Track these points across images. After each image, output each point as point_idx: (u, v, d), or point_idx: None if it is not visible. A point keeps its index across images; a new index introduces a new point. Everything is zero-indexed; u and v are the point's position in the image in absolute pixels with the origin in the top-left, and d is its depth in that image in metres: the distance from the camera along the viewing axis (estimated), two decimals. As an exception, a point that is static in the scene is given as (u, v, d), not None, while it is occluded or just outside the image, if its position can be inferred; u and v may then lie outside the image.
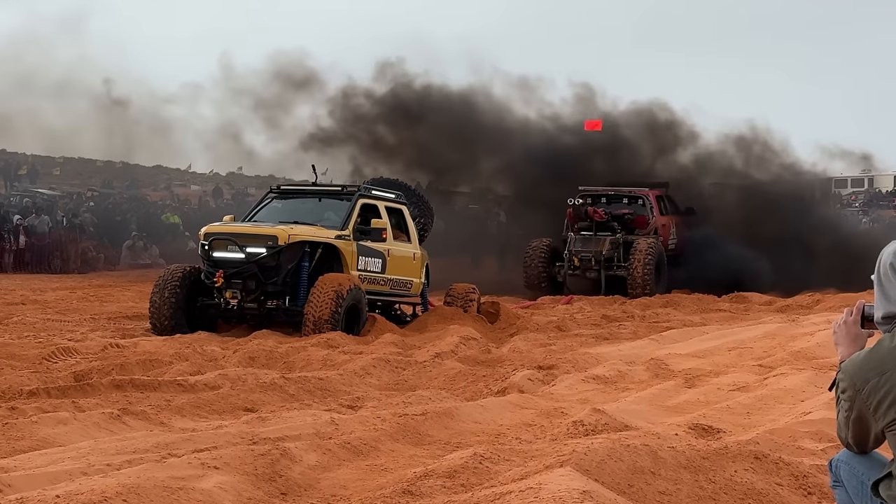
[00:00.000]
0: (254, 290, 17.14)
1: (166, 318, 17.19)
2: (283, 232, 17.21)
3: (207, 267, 17.35)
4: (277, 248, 17.08)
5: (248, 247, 17.09)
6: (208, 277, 17.27)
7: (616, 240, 29.16)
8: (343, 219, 18.07)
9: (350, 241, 17.89)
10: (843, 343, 4.46)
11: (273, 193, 19.43)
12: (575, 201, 29.20)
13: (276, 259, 17.13)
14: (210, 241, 17.26)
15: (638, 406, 10.16)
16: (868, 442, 4.31)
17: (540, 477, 5.97)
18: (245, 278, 17.10)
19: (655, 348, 15.76)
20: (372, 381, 12.15)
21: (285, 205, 19.01)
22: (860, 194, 73.88)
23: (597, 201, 30.56)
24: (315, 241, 17.58)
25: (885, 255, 4.30)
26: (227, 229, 17.58)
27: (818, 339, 14.89)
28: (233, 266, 17.08)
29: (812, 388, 10.89)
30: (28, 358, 12.98)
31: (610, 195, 31.24)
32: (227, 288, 17.08)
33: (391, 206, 19.25)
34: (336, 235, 17.74)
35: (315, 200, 18.94)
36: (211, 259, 17.26)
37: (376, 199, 18.95)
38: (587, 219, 29.62)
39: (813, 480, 6.68)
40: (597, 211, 29.56)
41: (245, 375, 11.76)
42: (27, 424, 8.34)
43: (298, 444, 7.54)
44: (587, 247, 29.40)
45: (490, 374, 12.61)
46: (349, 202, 18.41)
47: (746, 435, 8.19)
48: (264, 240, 17.17)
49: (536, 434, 8.76)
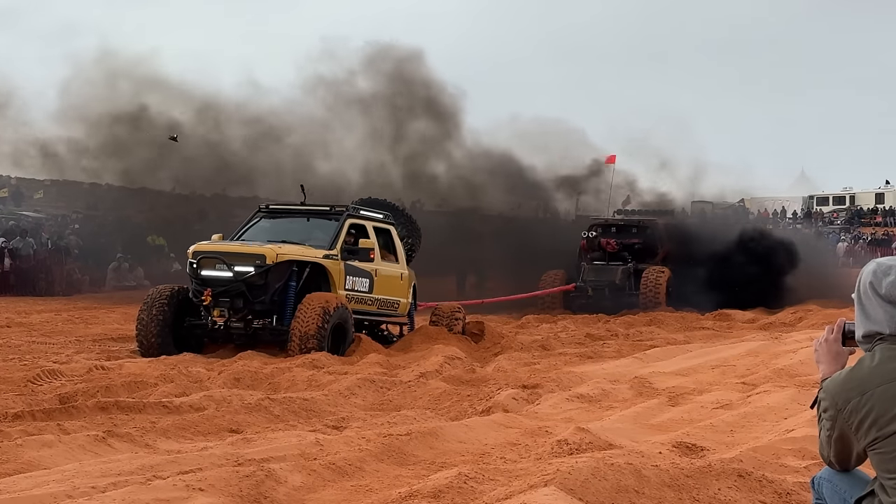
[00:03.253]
0: (241, 308, 17.15)
1: (153, 335, 17.16)
2: (272, 251, 17.23)
3: (195, 285, 17.34)
4: (265, 266, 17.11)
5: (236, 265, 17.10)
6: (196, 296, 17.26)
7: (627, 269, 30.19)
8: (331, 238, 18.11)
9: (338, 260, 17.94)
10: (825, 361, 4.48)
11: (262, 212, 19.44)
12: (589, 234, 30.60)
13: (263, 278, 17.14)
14: (198, 260, 17.26)
15: (622, 424, 10.18)
16: (850, 460, 4.33)
17: (524, 496, 5.98)
18: (233, 297, 17.11)
19: (639, 367, 15.78)
20: (357, 401, 12.14)
21: (274, 224, 19.04)
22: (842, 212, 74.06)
23: (607, 231, 31.65)
24: (303, 261, 17.60)
25: (864, 273, 4.33)
26: (215, 248, 17.55)
27: (801, 357, 14.95)
28: (221, 284, 17.09)
29: (795, 405, 10.93)
30: (13, 380, 12.94)
31: (620, 225, 32.31)
32: (214, 306, 17.08)
33: (379, 227, 19.29)
34: (324, 255, 17.78)
35: (303, 220, 18.96)
36: (199, 277, 17.25)
37: (364, 220, 19.01)
38: (600, 249, 30.82)
39: (796, 498, 6.71)
40: (609, 242, 30.98)
41: (230, 396, 11.74)
42: (12, 447, 8.31)
43: (283, 465, 7.54)
44: (600, 276, 30.56)
45: (475, 393, 12.61)
46: (337, 222, 18.46)
47: (730, 453, 8.21)
48: (252, 258, 17.18)
49: (521, 453, 8.77)
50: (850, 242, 60.64)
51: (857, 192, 78.00)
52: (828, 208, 76.18)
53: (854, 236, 62.96)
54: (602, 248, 31.21)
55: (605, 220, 34.02)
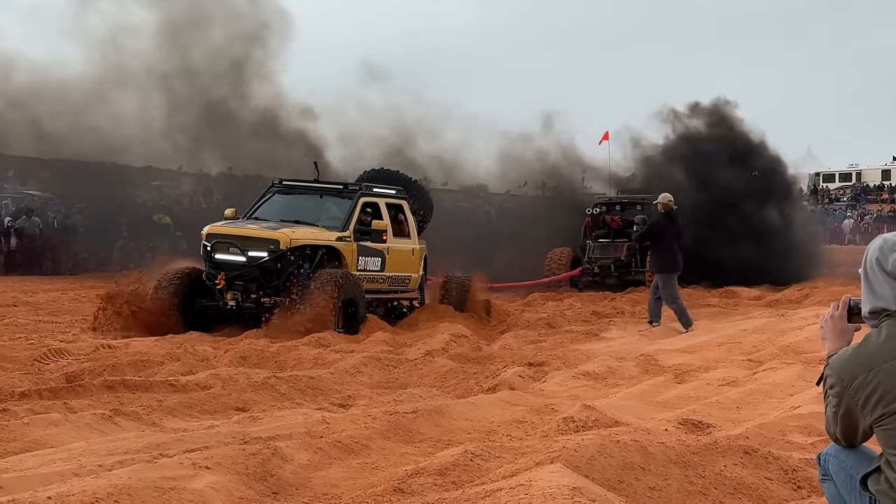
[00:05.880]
0: (255, 292, 17.18)
1: (165, 314, 17.20)
2: (285, 236, 17.25)
3: (209, 268, 17.38)
4: (279, 251, 17.14)
5: (249, 250, 17.14)
6: (210, 279, 17.30)
7: (633, 245, 30.04)
8: (344, 219, 18.13)
9: (350, 241, 17.96)
10: (830, 338, 4.47)
11: (275, 188, 19.43)
12: (593, 211, 30.62)
13: (277, 262, 17.20)
14: (212, 244, 17.29)
15: (628, 402, 10.19)
16: (856, 436, 4.32)
17: (530, 473, 5.98)
18: (246, 281, 17.17)
19: (645, 344, 15.80)
20: (363, 379, 12.15)
21: (286, 200, 19.04)
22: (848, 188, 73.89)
23: (611, 209, 31.68)
24: (316, 245, 17.64)
25: (871, 249, 4.31)
26: (229, 230, 17.57)
27: (807, 334, 14.95)
28: (234, 269, 17.13)
29: (801, 382, 10.93)
30: (19, 359, 12.95)
31: (624, 202, 32.33)
32: (228, 290, 17.12)
33: (391, 202, 19.30)
34: (337, 237, 17.81)
35: (316, 197, 18.97)
36: (213, 261, 17.29)
37: (377, 197, 19.00)
38: (605, 226, 30.86)
39: (802, 474, 6.71)
40: (613, 219, 30.91)
41: (236, 375, 11.75)
42: (19, 426, 8.33)
43: (289, 443, 7.55)
44: (606, 253, 30.62)
45: (481, 371, 12.63)
46: (350, 200, 18.47)
47: (736, 430, 8.22)
48: (266, 243, 17.21)
49: (527, 431, 8.78)
50: (857, 219, 60.59)
51: (863, 168, 77.79)
52: (834, 185, 76.04)
53: (860, 213, 62.87)
54: (607, 225, 31.22)
55: (609, 198, 33.99)
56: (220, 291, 17.18)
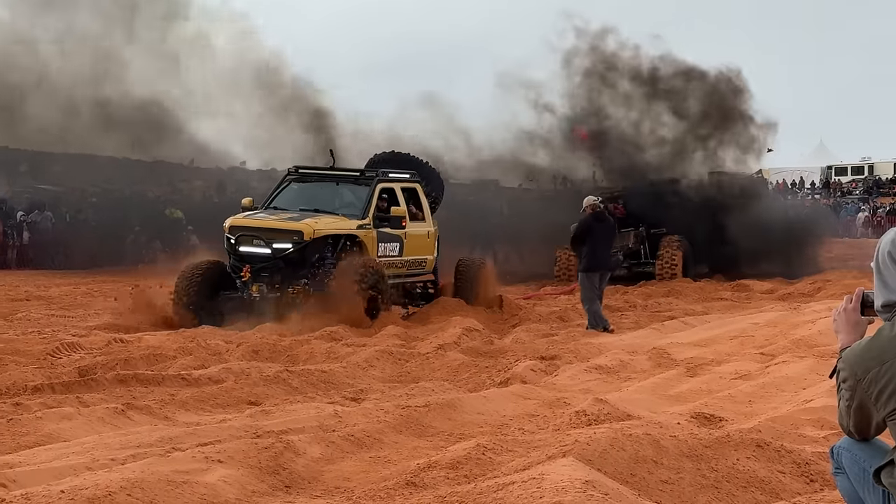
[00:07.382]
0: (280, 283, 17.32)
1: (189, 299, 17.42)
2: (308, 227, 17.45)
3: (233, 261, 17.61)
4: (303, 243, 17.34)
5: (274, 242, 17.40)
6: (235, 271, 17.50)
7: (639, 233, 30.02)
8: (363, 206, 18.29)
9: (370, 229, 18.12)
10: (843, 330, 4.46)
11: (291, 176, 19.57)
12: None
13: (301, 253, 17.39)
14: (236, 236, 17.46)
15: (640, 395, 10.18)
16: (870, 430, 4.31)
17: (543, 467, 5.99)
18: (272, 272, 17.35)
19: (657, 338, 15.78)
20: (375, 373, 12.17)
21: (303, 188, 19.22)
22: (860, 182, 73.66)
23: (614, 199, 31.54)
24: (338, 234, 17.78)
25: (883, 242, 4.30)
26: (252, 223, 17.80)
27: (819, 327, 14.90)
28: (259, 261, 17.35)
29: (813, 375, 10.91)
30: (32, 354, 12.99)
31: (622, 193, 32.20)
32: (254, 282, 17.28)
33: (406, 186, 19.41)
34: (358, 225, 18.01)
35: (333, 185, 19.17)
36: (237, 253, 17.53)
37: (393, 182, 19.14)
38: None
39: (815, 468, 6.70)
40: (618, 207, 30.59)
41: (248, 369, 11.77)
42: (32, 420, 8.36)
43: (302, 436, 7.57)
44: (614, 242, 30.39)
45: (493, 365, 12.63)
46: (367, 187, 18.63)
47: (748, 423, 8.20)
48: (290, 235, 17.44)
49: (539, 424, 8.77)
50: (869, 213, 60.42)
51: (875, 161, 77.46)
52: (846, 178, 75.78)
53: (873, 206, 62.69)
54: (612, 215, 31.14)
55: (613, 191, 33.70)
56: (245, 283, 17.34)
